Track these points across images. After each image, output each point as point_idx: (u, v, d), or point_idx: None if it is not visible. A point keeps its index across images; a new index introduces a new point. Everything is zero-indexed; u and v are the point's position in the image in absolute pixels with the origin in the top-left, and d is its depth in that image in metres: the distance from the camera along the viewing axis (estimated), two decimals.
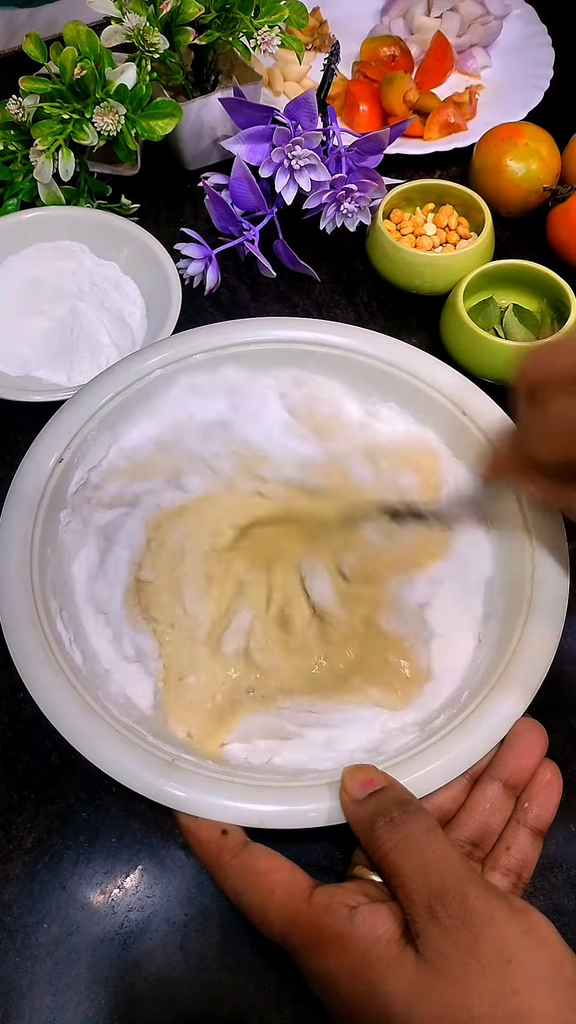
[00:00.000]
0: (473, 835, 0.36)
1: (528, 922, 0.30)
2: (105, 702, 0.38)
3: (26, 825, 0.42)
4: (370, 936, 0.30)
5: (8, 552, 0.40)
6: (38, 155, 0.56)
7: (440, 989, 0.28)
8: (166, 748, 0.37)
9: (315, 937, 0.31)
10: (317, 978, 0.31)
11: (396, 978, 0.29)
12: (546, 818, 0.37)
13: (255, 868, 0.33)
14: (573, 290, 0.54)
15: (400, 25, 0.78)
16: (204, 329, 0.48)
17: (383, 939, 0.30)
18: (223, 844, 0.34)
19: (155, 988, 0.38)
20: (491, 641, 0.41)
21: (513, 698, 0.37)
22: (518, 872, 0.35)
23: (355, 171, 0.59)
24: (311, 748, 0.39)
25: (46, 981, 0.38)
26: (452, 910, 0.30)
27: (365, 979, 0.30)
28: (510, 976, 0.28)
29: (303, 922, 0.31)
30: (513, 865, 0.35)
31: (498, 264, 0.56)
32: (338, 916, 0.31)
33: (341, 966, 0.30)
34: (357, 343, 0.48)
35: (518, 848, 0.36)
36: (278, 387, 0.50)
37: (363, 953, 0.30)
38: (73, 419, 0.44)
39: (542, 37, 0.76)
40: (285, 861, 0.34)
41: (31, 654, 0.37)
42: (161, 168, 0.69)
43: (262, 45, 0.59)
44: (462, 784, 0.37)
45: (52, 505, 0.42)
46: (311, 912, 0.31)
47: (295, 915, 0.32)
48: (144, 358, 0.47)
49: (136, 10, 0.56)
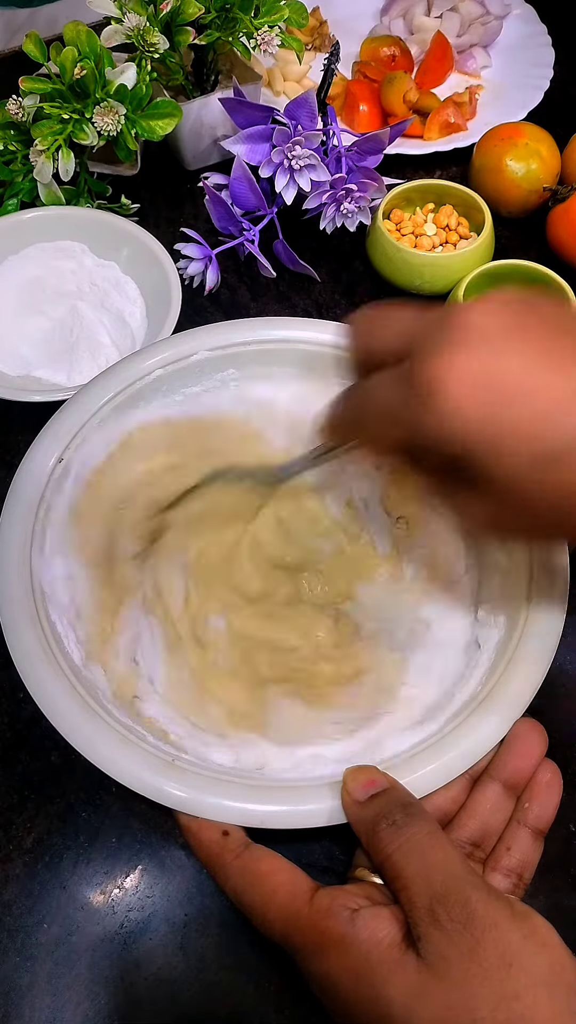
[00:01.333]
0: (473, 835, 0.36)
1: (529, 926, 0.30)
2: (104, 702, 0.38)
3: (26, 825, 0.42)
4: (372, 939, 0.30)
5: (8, 552, 0.40)
6: (38, 155, 0.56)
7: (441, 993, 0.28)
8: (165, 748, 0.37)
9: (316, 939, 0.31)
10: (318, 980, 0.31)
11: (397, 982, 0.29)
12: (547, 818, 0.37)
13: (256, 869, 0.33)
14: (573, 290, 0.54)
15: (400, 25, 0.78)
16: (204, 329, 0.48)
17: (384, 943, 0.30)
18: (224, 845, 0.34)
19: (155, 988, 0.38)
20: (490, 643, 0.41)
21: (511, 700, 0.37)
22: (519, 873, 0.35)
23: (355, 171, 0.59)
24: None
25: (46, 981, 0.38)
26: (454, 913, 0.30)
27: (366, 982, 0.30)
28: (511, 980, 0.28)
29: (304, 924, 0.31)
30: (514, 866, 0.35)
31: (498, 264, 0.56)
32: (340, 919, 0.31)
33: (342, 969, 0.30)
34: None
35: (519, 848, 0.36)
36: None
37: (364, 956, 0.30)
38: (73, 419, 0.44)
39: (542, 37, 0.76)
40: (287, 863, 0.33)
41: (31, 654, 0.37)
42: (161, 168, 0.69)
43: (262, 45, 0.59)
44: (462, 784, 0.37)
45: (52, 505, 0.42)
46: (312, 914, 0.31)
47: (296, 917, 0.32)
48: (144, 358, 0.47)
49: (136, 10, 0.56)
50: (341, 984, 0.30)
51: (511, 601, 0.40)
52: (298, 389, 0.50)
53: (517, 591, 0.40)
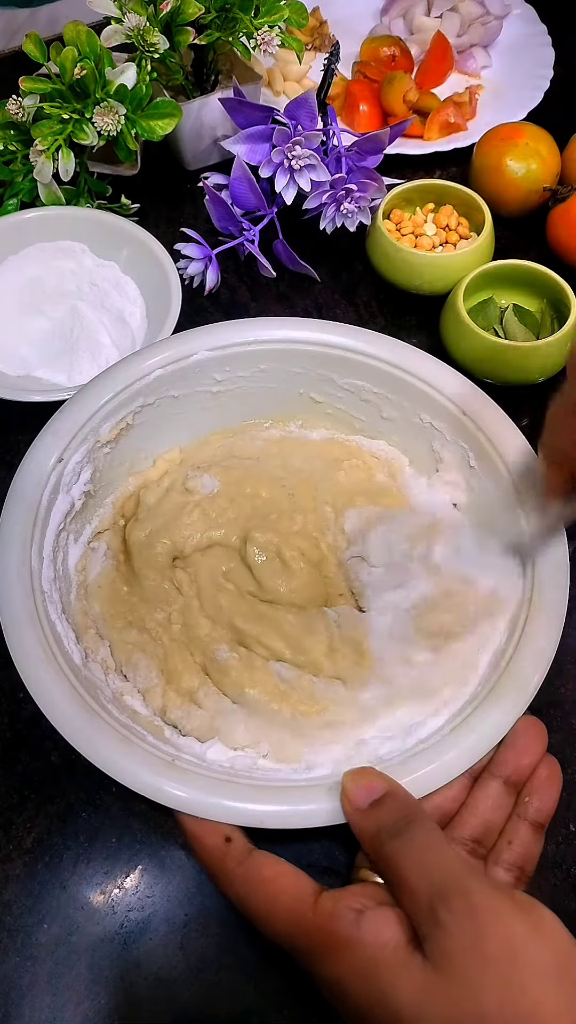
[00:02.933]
0: (475, 833, 0.36)
1: (535, 917, 0.30)
2: (104, 701, 0.38)
3: (26, 825, 0.42)
4: (377, 941, 0.30)
5: (8, 552, 0.40)
6: (38, 155, 0.56)
7: (447, 990, 0.28)
8: (165, 748, 0.37)
9: (323, 943, 0.31)
10: (327, 983, 0.31)
11: (404, 983, 0.29)
12: (547, 811, 0.37)
13: (259, 875, 0.33)
14: (573, 290, 0.54)
15: (400, 25, 0.78)
16: (204, 329, 0.48)
17: (390, 944, 0.30)
18: (227, 852, 0.34)
19: (155, 988, 0.38)
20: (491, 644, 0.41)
21: (512, 698, 0.37)
22: (520, 866, 0.35)
23: (355, 171, 0.59)
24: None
25: (46, 981, 0.38)
26: (455, 907, 0.29)
27: (375, 984, 0.29)
28: (517, 973, 0.28)
29: (310, 928, 0.31)
30: (515, 859, 0.35)
31: (498, 264, 0.56)
32: (345, 921, 0.31)
33: (350, 971, 0.30)
34: (359, 344, 0.48)
35: (520, 842, 0.36)
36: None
37: (371, 958, 0.30)
38: (73, 419, 0.44)
39: (542, 37, 0.76)
40: (289, 867, 0.33)
41: (31, 653, 0.37)
42: (161, 168, 0.69)
43: (262, 45, 0.59)
44: (462, 783, 0.37)
45: (52, 505, 0.42)
46: (317, 918, 0.31)
47: (301, 921, 0.32)
48: (144, 358, 0.47)
49: (136, 10, 0.56)
50: (350, 987, 0.30)
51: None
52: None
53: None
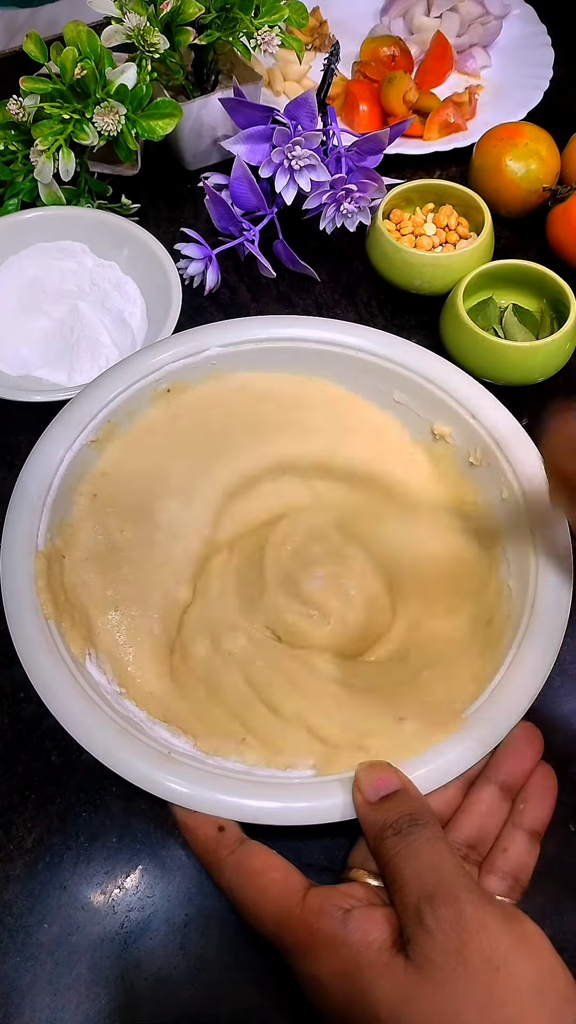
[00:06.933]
0: (470, 837, 0.36)
1: (520, 930, 0.30)
2: (105, 693, 0.38)
3: (26, 825, 0.42)
4: (362, 941, 0.30)
5: (13, 548, 0.40)
6: (38, 155, 0.57)
7: (427, 995, 0.28)
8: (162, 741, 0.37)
9: (307, 939, 0.31)
10: (308, 981, 0.31)
11: (385, 985, 0.29)
12: (542, 820, 0.36)
13: (250, 866, 0.33)
14: (573, 290, 0.54)
15: (400, 25, 0.78)
16: (204, 329, 0.48)
17: (375, 945, 0.30)
18: (219, 840, 0.34)
19: (155, 988, 0.38)
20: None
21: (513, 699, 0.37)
22: (515, 875, 0.35)
23: (355, 171, 0.59)
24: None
25: (46, 981, 0.38)
26: (441, 914, 0.29)
27: (355, 984, 0.29)
28: (498, 985, 0.28)
29: (296, 923, 0.31)
30: (510, 868, 0.35)
31: (498, 264, 0.56)
32: (331, 919, 0.31)
33: (332, 970, 0.30)
34: (363, 342, 0.48)
35: (515, 851, 0.36)
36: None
37: (354, 958, 0.30)
38: (83, 411, 0.45)
39: (542, 37, 0.76)
40: (281, 860, 0.33)
41: (33, 642, 0.37)
42: (161, 168, 0.69)
43: (262, 45, 0.59)
44: (458, 787, 0.37)
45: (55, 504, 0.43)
46: (304, 914, 0.31)
47: (288, 915, 0.32)
48: (145, 358, 0.47)
49: (136, 10, 0.56)
50: (330, 985, 0.30)
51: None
52: None
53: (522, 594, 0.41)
